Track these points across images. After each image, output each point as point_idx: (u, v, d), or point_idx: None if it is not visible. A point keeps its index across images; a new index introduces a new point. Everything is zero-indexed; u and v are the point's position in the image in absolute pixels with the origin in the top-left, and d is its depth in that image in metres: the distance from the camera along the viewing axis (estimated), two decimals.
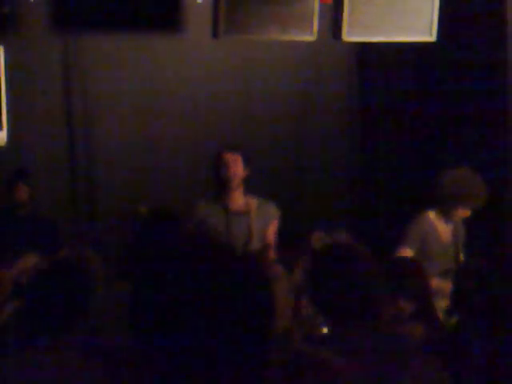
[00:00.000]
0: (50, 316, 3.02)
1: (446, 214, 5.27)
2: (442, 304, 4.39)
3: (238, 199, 5.29)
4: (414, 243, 5.21)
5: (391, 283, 2.88)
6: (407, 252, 5.19)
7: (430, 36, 5.72)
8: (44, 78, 6.51)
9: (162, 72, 6.76)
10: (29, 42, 6.39)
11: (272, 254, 5.16)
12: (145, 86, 6.72)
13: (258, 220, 5.26)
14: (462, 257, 5.29)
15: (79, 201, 6.70)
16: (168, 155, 6.80)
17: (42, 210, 6.08)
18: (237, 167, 5.22)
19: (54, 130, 6.59)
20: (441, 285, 4.91)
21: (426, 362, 2.54)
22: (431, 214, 5.32)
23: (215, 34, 5.68)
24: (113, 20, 6.27)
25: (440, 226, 5.32)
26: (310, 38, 5.71)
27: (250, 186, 5.35)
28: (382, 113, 7.11)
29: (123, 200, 6.28)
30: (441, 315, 4.18)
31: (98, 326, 3.99)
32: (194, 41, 6.57)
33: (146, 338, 1.45)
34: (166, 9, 6.40)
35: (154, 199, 6.65)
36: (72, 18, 6.32)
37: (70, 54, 6.55)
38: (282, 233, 5.36)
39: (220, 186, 5.28)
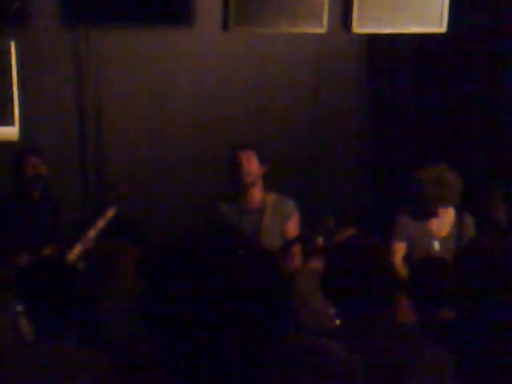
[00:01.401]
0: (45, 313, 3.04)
1: (425, 212, 5.24)
2: None
3: (255, 196, 5.29)
4: (403, 237, 5.22)
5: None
6: (400, 246, 5.21)
7: (440, 27, 5.71)
8: (55, 72, 6.53)
9: (172, 64, 6.76)
10: (40, 37, 6.39)
11: (295, 251, 5.18)
12: (155, 77, 6.73)
13: (273, 217, 5.25)
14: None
15: (91, 196, 6.72)
16: (179, 147, 6.82)
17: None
18: (251, 165, 5.21)
19: (65, 125, 6.61)
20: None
21: (435, 354, 2.56)
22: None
23: (225, 27, 5.68)
24: (123, 13, 6.28)
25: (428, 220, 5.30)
26: (319, 30, 5.70)
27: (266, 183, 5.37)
28: (392, 104, 7.10)
29: (134, 193, 6.29)
30: None
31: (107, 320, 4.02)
32: (204, 33, 6.56)
33: (159, 334, 1.46)
34: (176, 1, 6.40)
35: (164, 192, 6.69)
36: (83, 11, 6.32)
37: (82, 48, 6.55)
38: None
39: (236, 184, 5.29)
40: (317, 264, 4.47)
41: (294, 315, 3.73)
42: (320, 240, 4.86)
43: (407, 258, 5.22)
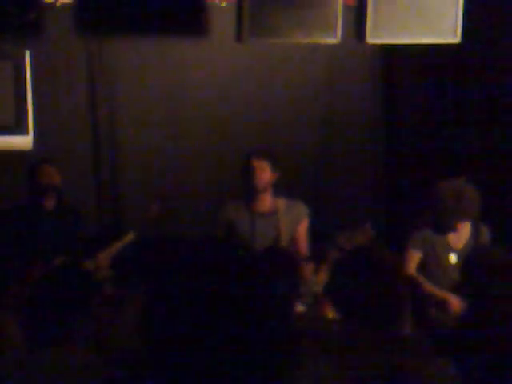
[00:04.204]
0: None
1: (444, 225, 5.23)
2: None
3: (266, 201, 5.38)
4: (419, 246, 5.21)
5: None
6: (415, 255, 5.20)
7: (454, 37, 5.70)
8: (69, 82, 6.56)
9: (186, 75, 6.78)
10: (54, 47, 6.43)
11: (303, 250, 5.23)
12: (168, 89, 6.75)
13: (286, 220, 5.32)
14: None
15: (105, 205, 6.73)
16: (192, 157, 6.83)
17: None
18: (264, 173, 5.31)
19: (79, 134, 6.63)
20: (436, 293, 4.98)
21: (440, 366, 2.53)
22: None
23: (239, 38, 5.69)
24: (137, 24, 6.30)
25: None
26: (333, 40, 5.70)
27: (276, 189, 5.41)
28: (406, 115, 7.08)
29: (148, 201, 6.28)
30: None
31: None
32: (218, 44, 6.58)
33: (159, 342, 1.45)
34: (190, 12, 6.42)
35: (178, 201, 6.68)
36: (97, 22, 6.35)
37: (95, 59, 6.59)
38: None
39: (248, 190, 5.36)
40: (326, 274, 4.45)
41: None
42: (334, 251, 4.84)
43: (421, 268, 5.21)
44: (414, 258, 5.20)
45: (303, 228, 5.36)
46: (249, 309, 1.42)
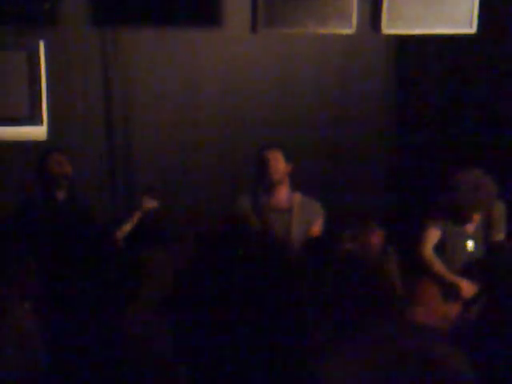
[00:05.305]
0: None
1: (461, 217, 5.25)
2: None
3: (282, 195, 5.37)
4: (439, 225, 5.24)
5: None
6: (434, 233, 5.23)
7: (470, 28, 5.66)
8: (84, 72, 6.57)
9: (200, 66, 6.77)
10: (69, 37, 6.44)
11: None
12: (182, 79, 6.75)
13: (300, 217, 5.29)
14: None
15: (119, 196, 6.73)
16: (205, 148, 6.82)
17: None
18: (277, 164, 5.31)
19: (93, 125, 6.65)
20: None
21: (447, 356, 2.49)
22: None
23: (254, 29, 5.67)
24: (151, 14, 6.29)
25: None
26: (348, 30, 5.67)
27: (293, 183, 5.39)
28: (420, 106, 7.05)
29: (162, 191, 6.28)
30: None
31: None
32: (233, 35, 6.56)
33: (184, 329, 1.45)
34: (204, 2, 6.40)
35: (191, 193, 6.69)
36: (111, 12, 6.34)
37: (110, 49, 6.60)
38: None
39: (263, 183, 5.33)
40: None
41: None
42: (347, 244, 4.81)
43: (438, 248, 5.24)
44: (433, 236, 5.22)
45: (316, 228, 5.33)
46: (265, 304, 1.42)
